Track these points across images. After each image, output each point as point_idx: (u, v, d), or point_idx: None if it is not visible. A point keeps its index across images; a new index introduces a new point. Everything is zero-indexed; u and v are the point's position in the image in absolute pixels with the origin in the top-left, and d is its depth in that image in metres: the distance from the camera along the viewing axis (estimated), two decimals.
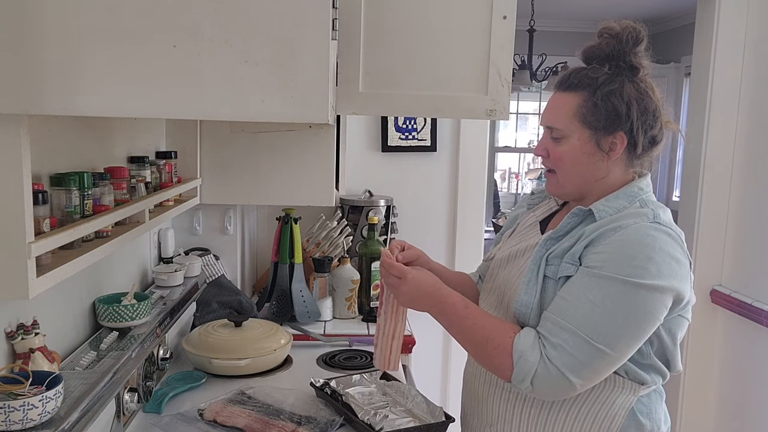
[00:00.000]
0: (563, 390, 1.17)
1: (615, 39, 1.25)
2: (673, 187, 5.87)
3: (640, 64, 1.26)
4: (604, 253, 1.17)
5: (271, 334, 1.89)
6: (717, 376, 2.86)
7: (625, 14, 5.17)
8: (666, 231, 1.19)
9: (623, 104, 1.22)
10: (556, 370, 1.14)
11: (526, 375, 1.16)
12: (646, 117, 1.24)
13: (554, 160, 1.29)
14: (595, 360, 1.15)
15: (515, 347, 1.18)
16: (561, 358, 1.15)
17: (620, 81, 1.23)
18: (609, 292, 1.15)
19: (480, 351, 1.25)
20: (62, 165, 1.29)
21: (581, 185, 1.28)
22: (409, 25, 1.54)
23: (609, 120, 1.23)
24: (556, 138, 1.27)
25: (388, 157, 2.86)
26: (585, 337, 1.14)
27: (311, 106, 1.03)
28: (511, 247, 1.40)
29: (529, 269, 1.27)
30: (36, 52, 0.96)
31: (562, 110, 1.26)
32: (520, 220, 1.49)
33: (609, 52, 1.25)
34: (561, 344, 1.15)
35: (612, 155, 1.25)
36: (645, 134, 1.25)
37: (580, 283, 1.18)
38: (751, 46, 2.68)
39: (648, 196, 1.27)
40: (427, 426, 1.47)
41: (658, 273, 1.14)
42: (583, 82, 1.25)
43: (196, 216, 2.38)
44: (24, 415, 1.02)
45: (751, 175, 2.70)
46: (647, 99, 1.24)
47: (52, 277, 1.07)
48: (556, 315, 1.18)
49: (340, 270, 2.41)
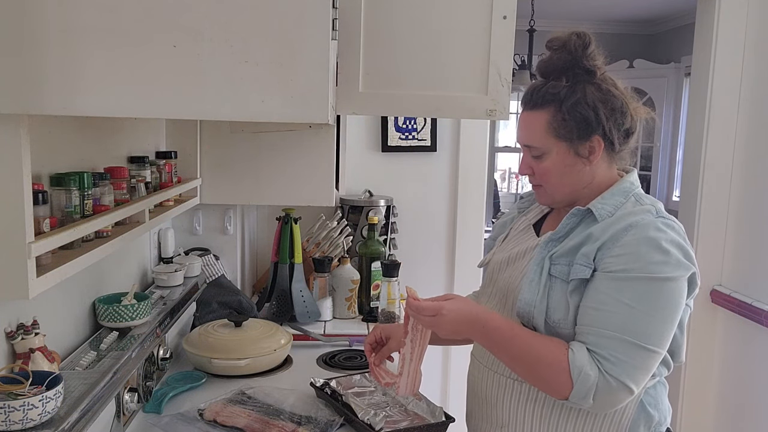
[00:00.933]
0: (623, 399, 1.18)
1: (564, 49, 1.27)
2: (673, 187, 5.87)
3: (595, 66, 1.27)
4: (623, 255, 1.18)
5: (271, 334, 1.89)
6: (717, 376, 2.86)
7: (625, 14, 5.20)
8: (670, 224, 1.22)
9: (590, 110, 1.24)
10: (617, 381, 1.15)
11: (588, 391, 1.15)
12: (615, 115, 1.26)
13: (540, 176, 1.31)
14: (647, 361, 1.17)
15: (573, 364, 1.16)
16: (617, 368, 1.15)
17: (581, 88, 1.25)
18: (641, 291, 1.17)
19: (533, 372, 1.22)
20: (62, 165, 1.29)
21: (570, 193, 1.31)
22: (409, 25, 1.54)
23: (581, 129, 1.25)
24: (537, 156, 1.29)
25: (388, 157, 2.86)
26: (633, 341, 1.16)
27: (311, 106, 1.03)
28: (509, 251, 1.40)
29: (532, 270, 1.27)
30: (36, 52, 0.96)
31: (534, 129, 1.28)
32: (512, 224, 1.50)
33: (562, 64, 1.27)
34: (614, 355, 1.16)
35: (593, 159, 1.27)
36: (618, 131, 1.27)
37: (608, 289, 1.19)
38: (751, 46, 2.68)
39: (639, 191, 1.31)
40: (427, 426, 1.47)
41: (677, 264, 1.18)
42: (546, 98, 1.27)
43: (196, 216, 2.38)
44: (24, 415, 1.02)
45: (751, 175, 2.70)
46: (611, 97, 1.26)
47: (52, 277, 1.07)
48: (597, 327, 1.18)
49: (340, 270, 2.41)
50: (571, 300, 1.22)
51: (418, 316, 1.28)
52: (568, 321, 1.23)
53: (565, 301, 1.23)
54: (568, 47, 1.26)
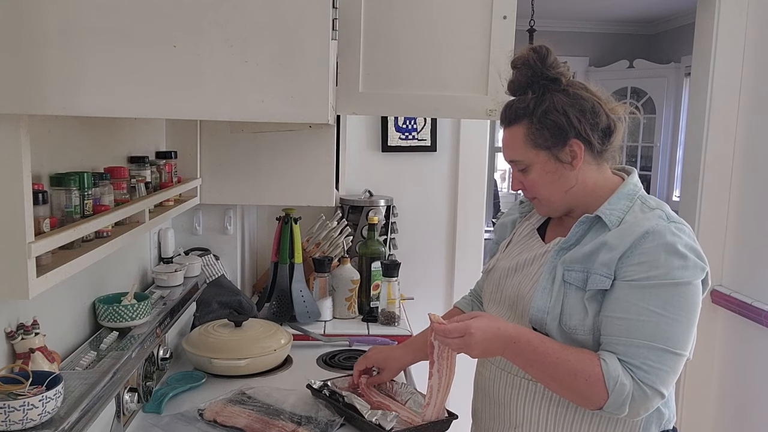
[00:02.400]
0: (656, 405, 1.20)
1: (525, 66, 1.30)
2: (673, 187, 5.87)
3: (559, 74, 1.30)
4: (644, 263, 1.20)
5: (271, 334, 1.89)
6: (717, 376, 2.86)
7: (625, 14, 5.20)
8: (682, 228, 1.25)
9: (561, 116, 1.27)
10: (651, 389, 1.17)
11: (624, 401, 1.17)
12: (586, 116, 1.28)
13: (530, 189, 1.34)
14: (676, 365, 1.19)
15: (607, 375, 1.17)
16: (651, 376, 1.17)
17: (549, 97, 1.28)
18: (666, 298, 1.19)
19: (568, 386, 1.22)
20: (62, 165, 1.29)
21: (563, 200, 1.33)
22: (409, 25, 1.54)
23: (555, 135, 1.27)
24: (522, 169, 1.32)
25: (388, 157, 2.86)
26: (664, 348, 1.18)
27: (311, 106, 1.03)
28: (516, 257, 1.41)
29: (544, 278, 1.29)
30: (36, 52, 0.96)
31: (514, 144, 1.32)
32: (515, 229, 1.51)
33: (526, 80, 1.30)
34: (647, 363, 1.17)
35: (576, 163, 1.29)
36: (594, 131, 1.29)
37: (633, 298, 1.20)
38: (751, 46, 2.68)
39: (642, 192, 1.33)
40: (432, 423, 1.47)
41: (695, 267, 1.22)
42: (518, 113, 1.30)
43: (196, 216, 2.38)
44: (24, 415, 1.02)
45: (751, 176, 2.70)
46: (580, 100, 1.28)
47: (52, 277, 1.07)
48: (626, 336, 1.19)
49: (340, 270, 2.41)
50: (589, 307, 1.23)
51: (446, 340, 1.25)
52: (585, 327, 1.24)
53: (581, 308, 1.24)
54: (528, 63, 1.30)
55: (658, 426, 1.30)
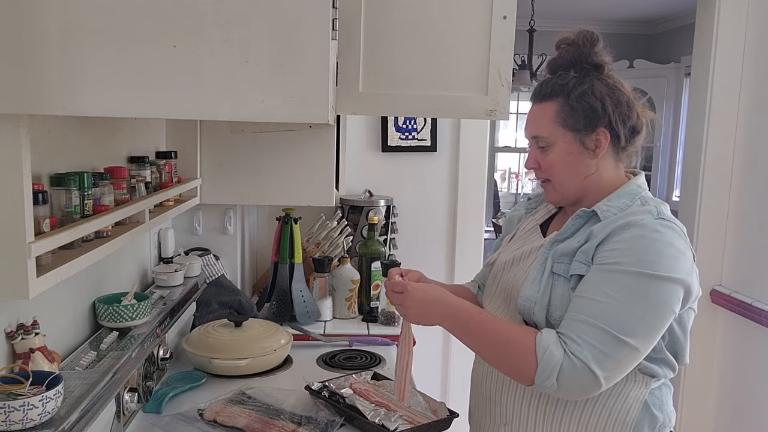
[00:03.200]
0: (589, 385, 1.16)
1: (573, 45, 1.31)
2: (673, 187, 5.87)
3: (603, 62, 1.31)
4: (616, 250, 1.19)
5: (271, 334, 1.89)
6: (717, 376, 2.86)
7: (625, 14, 5.19)
8: (671, 226, 1.22)
9: (597, 101, 1.27)
10: (581, 363, 1.14)
11: (552, 371, 1.15)
12: (621, 108, 1.28)
13: (546, 169, 1.33)
14: (616, 350, 1.15)
15: (539, 344, 1.17)
16: (583, 350, 1.15)
17: (589, 81, 1.28)
18: (624, 284, 1.17)
19: (502, 354, 1.23)
20: (62, 165, 1.29)
21: (576, 187, 1.32)
22: (409, 25, 1.53)
23: (588, 119, 1.27)
24: (543, 147, 1.31)
25: (388, 157, 2.86)
26: (605, 328, 1.15)
27: (311, 106, 1.03)
28: (514, 251, 1.41)
29: (535, 269, 1.29)
30: (36, 52, 0.96)
31: (542, 119, 1.31)
32: (519, 224, 1.51)
33: (571, 59, 1.31)
34: (582, 337, 1.16)
35: (598, 152, 1.29)
36: (624, 125, 1.29)
37: (594, 279, 1.20)
38: (751, 46, 2.68)
39: (646, 194, 1.31)
40: (435, 422, 1.47)
41: (670, 266, 1.17)
42: (555, 89, 1.30)
43: (196, 216, 2.38)
44: (24, 415, 1.02)
45: (751, 176, 2.70)
46: (618, 92, 1.29)
47: (52, 277, 1.07)
48: (574, 312, 1.19)
49: (340, 270, 2.41)
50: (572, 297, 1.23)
51: (390, 293, 1.33)
52: None
53: (567, 299, 1.24)
54: (576, 43, 1.30)
55: (651, 429, 1.29)
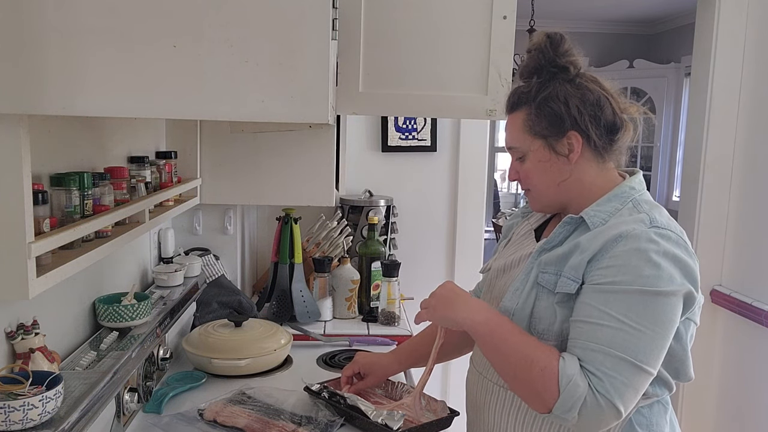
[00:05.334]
0: (609, 419, 1.10)
1: (537, 51, 1.27)
2: (673, 187, 5.87)
3: (570, 63, 1.25)
4: (612, 267, 1.13)
5: (271, 334, 1.89)
6: (717, 376, 2.86)
7: (625, 14, 5.18)
8: (666, 235, 1.15)
9: (560, 104, 1.22)
10: (605, 400, 1.08)
11: (575, 404, 1.08)
12: (589, 108, 1.23)
13: (524, 179, 1.30)
14: (635, 378, 1.10)
15: (562, 372, 1.10)
16: (606, 384, 1.08)
17: (553, 85, 1.24)
18: (630, 305, 1.11)
19: (523, 373, 1.15)
20: (62, 165, 1.29)
21: (555, 194, 1.28)
22: (409, 25, 1.54)
23: (552, 124, 1.23)
24: (519, 157, 1.29)
25: (388, 157, 2.86)
26: (623, 357, 1.09)
27: (311, 106, 1.03)
28: (507, 257, 1.38)
29: (519, 279, 1.26)
30: (36, 53, 0.96)
31: (513, 129, 1.29)
32: (515, 229, 1.47)
33: (536, 65, 1.27)
34: (602, 369, 1.09)
35: (572, 157, 1.23)
36: (596, 125, 1.23)
37: (596, 301, 1.13)
38: (751, 46, 2.68)
39: (641, 196, 1.24)
40: (437, 421, 1.47)
41: (670, 278, 1.12)
42: (521, 98, 1.27)
43: (196, 216, 2.38)
44: (24, 415, 1.02)
45: (751, 176, 2.70)
46: (585, 91, 1.23)
47: (52, 277, 1.07)
48: (584, 339, 1.13)
49: (340, 270, 2.41)
50: (559, 312, 1.18)
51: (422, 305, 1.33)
52: (552, 332, 1.19)
53: (551, 312, 1.19)
54: (540, 48, 1.26)
55: None
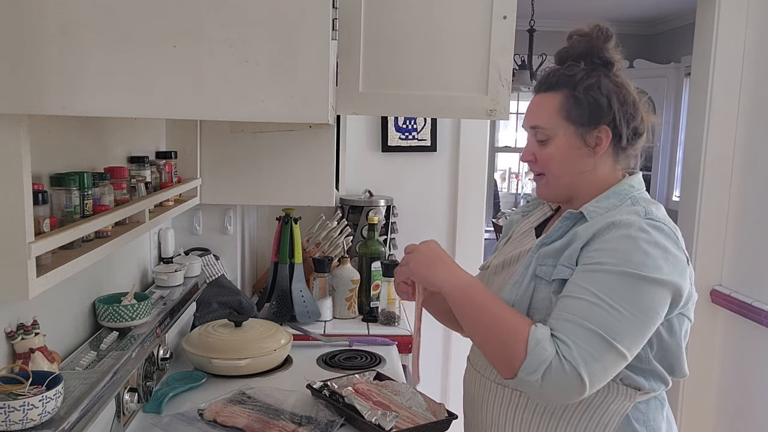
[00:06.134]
0: (574, 389, 1.10)
1: (585, 38, 1.27)
2: (673, 187, 5.87)
3: (614, 59, 1.27)
4: (600, 250, 1.16)
5: (271, 334, 1.89)
6: (717, 376, 2.86)
7: (625, 14, 5.19)
8: (659, 227, 1.17)
9: (603, 97, 1.23)
10: (570, 366, 1.09)
11: (540, 366, 1.09)
12: (626, 108, 1.25)
13: (542, 163, 1.28)
14: (605, 355, 1.10)
15: (532, 335, 1.11)
16: (573, 353, 1.09)
17: (597, 75, 1.25)
18: (610, 284, 1.13)
19: (492, 332, 1.17)
20: (62, 165, 1.29)
21: (570, 184, 1.28)
22: (409, 25, 1.54)
23: (592, 114, 1.23)
24: (542, 140, 1.27)
25: (388, 157, 2.86)
26: (595, 330, 1.10)
27: (311, 106, 1.03)
28: (506, 254, 1.39)
29: (519, 272, 1.26)
30: (36, 52, 0.96)
31: (545, 110, 1.27)
32: (515, 227, 1.48)
33: (582, 51, 1.27)
34: (573, 339, 1.10)
35: (598, 150, 1.25)
36: (628, 126, 1.25)
37: (580, 278, 1.16)
38: (751, 46, 2.68)
39: (640, 194, 1.26)
40: (433, 423, 1.47)
41: (656, 267, 1.13)
42: (562, 80, 1.26)
43: (196, 216, 2.38)
44: (24, 415, 1.02)
45: (751, 176, 2.70)
46: (625, 91, 1.25)
47: (52, 277, 1.07)
48: (562, 311, 1.15)
49: (340, 270, 2.41)
50: (555, 300, 1.20)
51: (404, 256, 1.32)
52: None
53: (549, 302, 1.21)
54: (590, 35, 1.27)
55: None
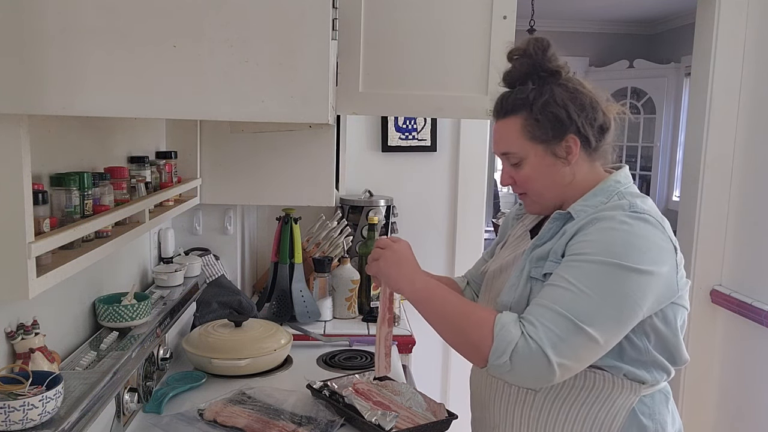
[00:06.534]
0: (542, 369, 1.12)
1: (525, 56, 1.28)
2: (673, 187, 5.87)
3: (559, 66, 1.28)
4: (582, 242, 1.18)
5: (271, 334, 1.89)
6: (717, 376, 2.86)
7: (625, 14, 5.19)
8: (642, 217, 1.18)
9: (561, 109, 1.24)
10: (536, 345, 1.11)
11: (506, 348, 1.12)
12: (585, 111, 1.26)
13: (522, 184, 1.31)
14: (573, 336, 1.12)
15: (497, 321, 1.15)
16: (539, 332, 1.12)
17: (549, 89, 1.25)
18: (586, 271, 1.15)
19: (459, 328, 1.21)
20: (62, 165, 1.29)
21: (555, 196, 1.31)
22: (409, 25, 1.54)
23: (555, 128, 1.25)
24: (515, 163, 1.29)
25: (388, 157, 2.86)
26: (563, 312, 1.12)
27: (311, 106, 1.03)
28: (504, 259, 1.41)
29: (515, 275, 1.29)
30: (36, 53, 0.96)
31: (510, 135, 1.28)
32: (510, 231, 1.50)
33: (526, 70, 1.28)
34: (540, 320, 1.13)
35: (571, 159, 1.27)
36: (592, 127, 1.26)
37: (560, 269, 1.19)
38: (751, 46, 2.68)
39: (627, 189, 1.27)
40: (433, 423, 1.47)
41: (637, 257, 1.14)
42: (516, 104, 1.27)
43: (196, 216, 2.38)
44: (24, 415, 1.02)
45: (751, 176, 2.70)
46: (579, 95, 1.26)
47: (52, 277, 1.07)
48: (537, 297, 1.19)
49: (340, 270, 2.41)
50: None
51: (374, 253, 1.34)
52: None
53: None
54: (528, 53, 1.27)
55: None
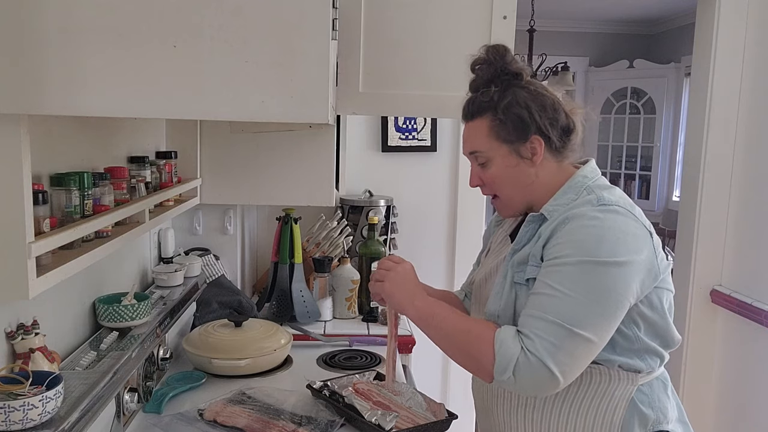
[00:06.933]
0: (545, 380, 1.15)
1: (485, 63, 1.31)
2: (673, 187, 5.88)
3: (519, 68, 1.31)
4: (558, 245, 1.21)
5: (271, 334, 1.89)
6: (717, 376, 2.86)
7: (625, 14, 5.19)
8: (611, 209, 1.21)
9: (523, 110, 1.27)
10: (536, 359, 1.14)
11: (508, 364, 1.16)
12: (547, 113, 1.28)
13: (490, 184, 1.34)
14: (569, 343, 1.15)
15: (497, 337, 1.19)
16: (536, 345, 1.15)
17: (511, 92, 1.28)
18: (567, 274, 1.17)
19: (460, 343, 1.25)
20: (62, 165, 1.29)
21: (524, 197, 1.33)
22: (409, 25, 1.54)
23: (518, 129, 1.28)
24: (483, 163, 1.32)
25: (388, 157, 2.86)
26: (555, 321, 1.15)
27: (311, 106, 1.03)
28: (488, 267, 1.42)
29: (499, 282, 1.31)
30: (36, 52, 0.96)
31: (478, 135, 1.32)
32: (492, 238, 1.51)
33: (488, 75, 1.31)
34: (535, 332, 1.16)
35: (536, 159, 1.29)
36: (554, 127, 1.29)
37: (542, 275, 1.21)
38: (751, 46, 2.68)
39: (594, 182, 1.30)
40: (433, 423, 1.47)
41: (613, 251, 1.17)
42: (482, 106, 1.30)
43: (196, 216, 2.38)
44: (24, 415, 1.02)
45: (751, 176, 2.70)
46: (540, 96, 1.29)
47: (52, 277, 1.07)
48: (527, 308, 1.21)
49: (340, 270, 2.41)
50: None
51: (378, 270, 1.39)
52: None
53: None
54: (488, 60, 1.31)
55: (643, 427, 1.27)
